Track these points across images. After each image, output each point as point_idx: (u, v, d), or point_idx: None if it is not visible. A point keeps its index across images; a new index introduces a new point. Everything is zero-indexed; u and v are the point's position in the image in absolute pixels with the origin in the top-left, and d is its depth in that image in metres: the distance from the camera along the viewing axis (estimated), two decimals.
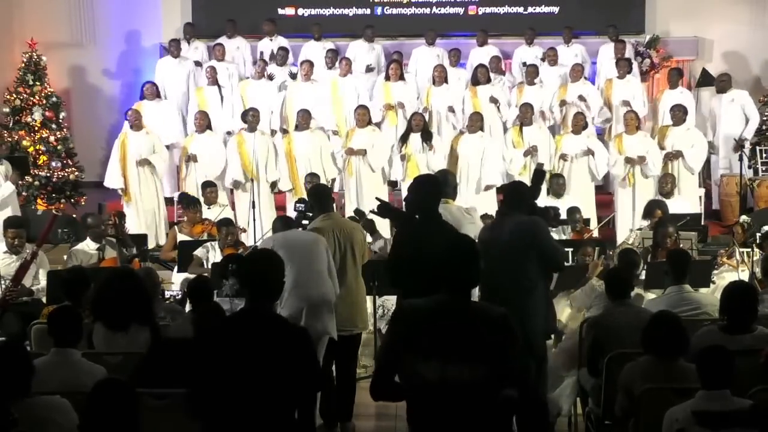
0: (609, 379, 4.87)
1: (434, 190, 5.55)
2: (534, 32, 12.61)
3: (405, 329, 3.44)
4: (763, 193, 10.66)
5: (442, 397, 3.34)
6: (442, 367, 3.33)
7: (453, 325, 3.37)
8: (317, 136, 10.63)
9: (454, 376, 3.32)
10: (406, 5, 13.64)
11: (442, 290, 3.44)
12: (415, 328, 3.40)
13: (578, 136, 10.41)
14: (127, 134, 10.55)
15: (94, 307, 5.21)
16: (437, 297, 3.45)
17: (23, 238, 7.57)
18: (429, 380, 3.34)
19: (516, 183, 6.67)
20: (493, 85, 11.49)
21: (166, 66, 12.41)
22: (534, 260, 5.41)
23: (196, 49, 12.77)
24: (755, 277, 6.80)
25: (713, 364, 4.01)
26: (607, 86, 11.47)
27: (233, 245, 7.90)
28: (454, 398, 3.33)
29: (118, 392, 3.64)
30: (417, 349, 3.36)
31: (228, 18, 12.88)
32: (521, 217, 5.49)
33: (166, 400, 4.25)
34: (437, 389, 3.34)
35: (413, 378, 3.39)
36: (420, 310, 3.47)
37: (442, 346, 3.34)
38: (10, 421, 3.53)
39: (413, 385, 3.40)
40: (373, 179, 10.39)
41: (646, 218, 8.50)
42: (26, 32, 12.70)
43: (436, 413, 3.37)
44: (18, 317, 6.73)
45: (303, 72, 11.52)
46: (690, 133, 10.39)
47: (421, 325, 3.40)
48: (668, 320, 4.60)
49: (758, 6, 13.26)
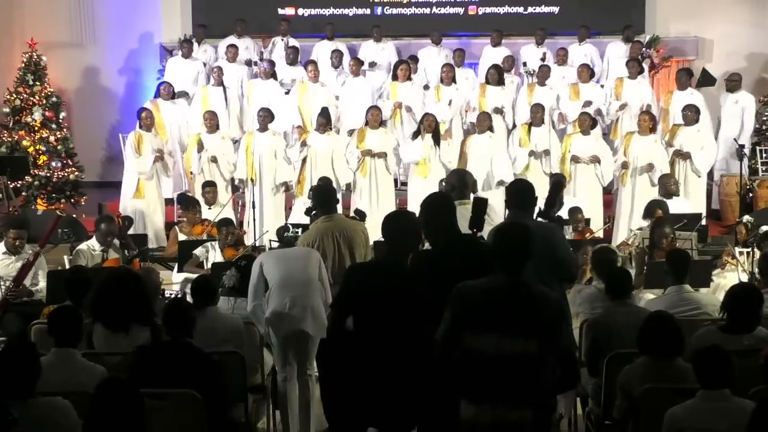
0: (609, 379, 4.87)
1: (446, 209, 4.69)
2: (544, 32, 12.59)
3: (463, 308, 3.76)
4: (763, 193, 10.65)
5: (496, 369, 3.67)
6: (499, 340, 3.66)
7: (511, 303, 3.71)
8: (333, 138, 10.57)
9: (510, 350, 3.65)
10: (406, 5, 13.65)
11: (496, 271, 3.79)
12: (473, 307, 3.74)
13: (587, 136, 10.37)
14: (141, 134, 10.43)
15: (93, 307, 5.20)
16: (492, 278, 3.80)
17: (24, 239, 7.58)
18: (486, 353, 3.67)
19: (519, 181, 6.50)
20: (503, 88, 11.47)
21: (176, 66, 12.36)
22: (549, 267, 5.23)
23: (205, 52, 12.74)
24: (755, 277, 6.79)
25: (709, 364, 4.01)
26: (618, 85, 11.45)
27: (233, 245, 7.89)
28: (508, 370, 3.66)
29: (123, 391, 3.63)
30: (475, 326, 3.71)
31: (230, 18, 12.88)
32: (537, 222, 5.16)
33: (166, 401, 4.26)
34: (493, 361, 3.67)
35: (471, 352, 3.72)
36: (477, 289, 3.79)
37: (500, 323, 3.68)
38: (10, 422, 3.52)
39: (470, 358, 3.72)
40: (387, 181, 10.39)
41: (647, 218, 8.49)
42: (26, 32, 12.71)
43: (490, 384, 3.69)
44: (18, 317, 6.72)
45: (309, 73, 11.50)
46: (701, 134, 10.30)
47: (478, 303, 3.74)
48: (662, 320, 4.60)
49: (758, 6, 13.27)
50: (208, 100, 11.49)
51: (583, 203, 9.31)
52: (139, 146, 10.31)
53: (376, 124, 10.35)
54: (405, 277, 4.34)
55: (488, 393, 3.70)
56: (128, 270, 6.48)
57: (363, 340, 4.28)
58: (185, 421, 4.30)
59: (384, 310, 4.24)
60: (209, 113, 10.66)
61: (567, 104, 11.30)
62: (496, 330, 3.69)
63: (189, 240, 8.48)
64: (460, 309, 3.78)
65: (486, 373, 3.69)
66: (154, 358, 4.54)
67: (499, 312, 3.70)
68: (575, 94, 11.36)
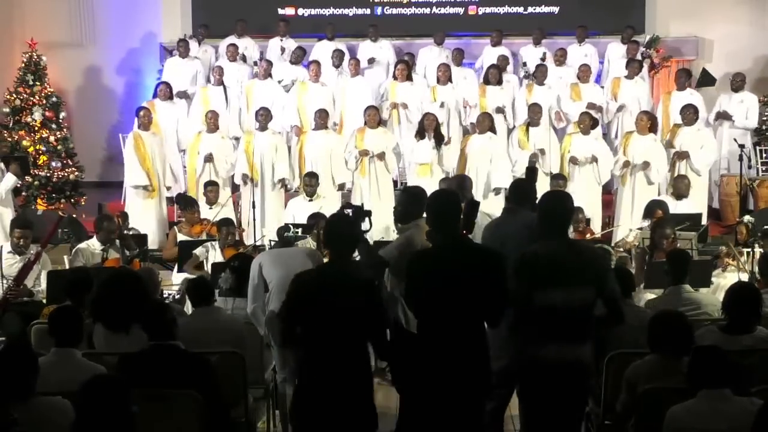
0: (609, 379, 4.87)
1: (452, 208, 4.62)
2: (542, 32, 12.61)
3: (530, 273, 4.33)
4: (763, 193, 10.65)
5: (563, 317, 4.30)
6: (565, 294, 4.29)
7: (569, 261, 4.34)
8: (331, 137, 10.59)
9: (574, 299, 4.31)
10: (406, 5, 13.65)
11: (544, 238, 4.45)
12: (539, 269, 4.33)
13: (587, 136, 10.37)
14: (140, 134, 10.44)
15: (94, 307, 5.20)
16: (545, 243, 4.41)
17: (29, 239, 7.60)
18: (557, 306, 4.29)
19: (521, 179, 6.58)
20: (503, 88, 11.48)
21: (174, 66, 12.37)
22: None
23: (205, 52, 12.74)
24: (755, 277, 6.79)
25: (703, 365, 4.00)
26: (615, 84, 11.46)
27: (233, 245, 7.89)
28: (572, 316, 4.31)
29: (110, 388, 3.61)
30: (544, 285, 4.30)
31: (230, 18, 12.89)
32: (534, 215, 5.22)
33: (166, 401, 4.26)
34: (562, 311, 4.29)
35: (543, 308, 4.30)
36: (539, 255, 4.37)
37: (564, 279, 4.30)
38: (9, 422, 3.52)
39: (542, 312, 4.31)
40: (387, 180, 10.38)
41: (647, 218, 8.49)
42: (26, 32, 12.71)
43: (556, 329, 4.30)
44: (18, 317, 6.73)
45: (311, 72, 11.51)
46: (701, 134, 10.32)
47: (543, 265, 4.34)
48: (672, 318, 4.60)
49: (758, 6, 13.27)
50: (209, 100, 11.51)
51: (581, 203, 9.30)
52: (139, 147, 10.32)
53: (374, 124, 10.35)
54: (348, 284, 4.37)
55: (554, 336, 4.31)
56: (129, 270, 6.49)
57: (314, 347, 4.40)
58: (185, 421, 4.30)
59: (328, 319, 4.30)
60: (211, 113, 10.67)
61: (568, 104, 11.30)
62: (560, 285, 4.29)
63: (189, 240, 8.48)
64: (527, 274, 4.34)
65: (554, 321, 4.30)
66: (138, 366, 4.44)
67: (561, 270, 4.31)
68: (576, 94, 11.36)
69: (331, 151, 10.38)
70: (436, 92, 11.44)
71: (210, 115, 10.62)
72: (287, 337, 4.53)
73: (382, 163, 10.28)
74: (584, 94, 11.33)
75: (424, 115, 10.46)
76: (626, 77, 11.44)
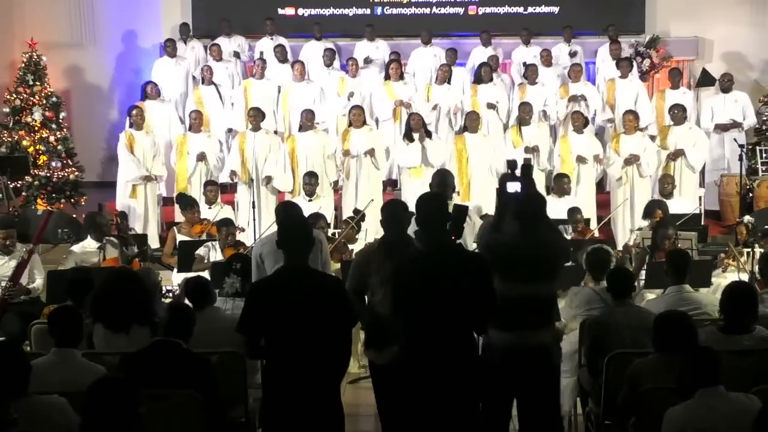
0: (609, 379, 4.87)
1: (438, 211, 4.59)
2: (530, 33, 12.62)
3: (499, 262, 4.53)
4: (763, 193, 10.65)
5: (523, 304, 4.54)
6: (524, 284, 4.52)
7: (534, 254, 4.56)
8: (321, 136, 10.60)
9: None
10: (406, 5, 13.64)
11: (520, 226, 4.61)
12: (506, 259, 4.54)
13: (581, 135, 10.38)
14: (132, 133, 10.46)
15: (94, 307, 5.20)
16: (511, 228, 4.61)
17: (14, 238, 7.64)
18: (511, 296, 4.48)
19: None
20: (495, 84, 11.48)
21: (164, 66, 12.39)
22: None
23: (192, 49, 12.77)
24: (755, 277, 6.79)
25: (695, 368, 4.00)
26: (610, 86, 11.46)
27: (233, 245, 7.89)
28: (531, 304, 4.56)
29: (118, 390, 3.61)
30: (510, 277, 4.52)
31: (230, 18, 12.87)
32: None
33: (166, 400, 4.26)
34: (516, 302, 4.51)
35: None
36: (506, 245, 4.58)
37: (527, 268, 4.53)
38: (9, 421, 3.52)
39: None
40: (372, 180, 10.34)
41: (646, 218, 8.49)
42: (26, 32, 12.71)
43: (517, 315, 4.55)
44: (18, 317, 6.74)
45: (296, 72, 11.53)
46: (692, 131, 10.38)
47: (511, 253, 4.55)
48: (676, 318, 4.60)
49: (758, 6, 13.27)
50: (203, 100, 11.53)
51: (581, 203, 9.30)
52: (131, 146, 10.33)
53: (359, 124, 10.34)
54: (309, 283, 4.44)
55: (517, 322, 4.54)
56: (128, 270, 6.48)
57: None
58: (185, 421, 4.30)
59: (292, 326, 4.34)
60: (196, 112, 10.74)
61: (558, 103, 11.30)
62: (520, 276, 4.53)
63: (188, 240, 8.48)
64: (498, 264, 4.54)
65: (515, 308, 4.51)
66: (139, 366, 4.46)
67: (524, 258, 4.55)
68: (566, 93, 11.34)
69: (323, 150, 10.37)
70: (430, 91, 11.43)
71: (194, 115, 10.65)
72: (251, 350, 4.61)
73: (368, 162, 10.24)
74: (573, 92, 11.30)
75: (410, 115, 10.46)
76: (620, 77, 11.43)
